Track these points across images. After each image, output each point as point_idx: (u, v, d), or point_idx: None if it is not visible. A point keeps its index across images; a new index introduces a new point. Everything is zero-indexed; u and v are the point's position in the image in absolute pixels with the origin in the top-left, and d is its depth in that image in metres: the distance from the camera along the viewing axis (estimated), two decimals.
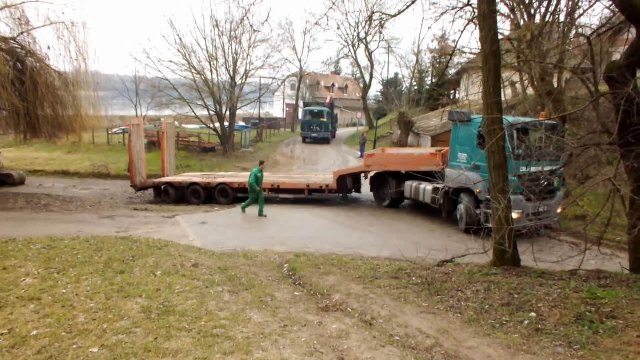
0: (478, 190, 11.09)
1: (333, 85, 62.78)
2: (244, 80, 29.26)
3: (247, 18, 26.60)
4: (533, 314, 5.26)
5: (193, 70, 26.65)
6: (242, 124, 37.72)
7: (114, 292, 5.40)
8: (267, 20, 37.26)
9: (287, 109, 53.18)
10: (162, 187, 16.37)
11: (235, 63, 27.91)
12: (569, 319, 5.03)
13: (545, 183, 10.75)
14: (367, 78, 45.59)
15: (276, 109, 58.31)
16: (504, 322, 5.18)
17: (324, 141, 34.30)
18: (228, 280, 6.36)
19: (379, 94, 55.12)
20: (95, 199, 16.42)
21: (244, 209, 13.79)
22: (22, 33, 15.17)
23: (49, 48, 15.59)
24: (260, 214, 13.32)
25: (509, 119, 10.64)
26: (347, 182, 15.73)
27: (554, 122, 10.76)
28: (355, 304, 5.84)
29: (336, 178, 15.37)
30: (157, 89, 27.16)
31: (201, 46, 27.81)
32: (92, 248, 7.53)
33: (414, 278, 7.03)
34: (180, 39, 27.21)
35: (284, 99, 52.78)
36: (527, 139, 10.10)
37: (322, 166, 24.54)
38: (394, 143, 27.98)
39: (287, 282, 7.03)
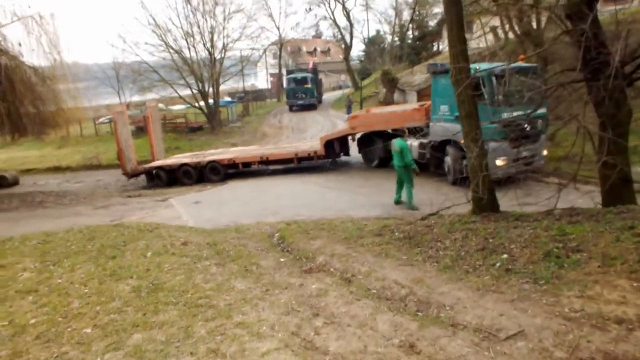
0: (462, 141, 11.19)
1: (315, 49, 61.63)
2: (223, 55, 28.92)
3: None
4: (505, 256, 5.41)
5: (170, 50, 26.42)
6: (227, 99, 37.42)
7: (106, 276, 5.65)
8: None
9: (271, 78, 52.47)
10: (154, 171, 16.50)
11: (211, 38, 27.50)
12: (538, 256, 5.17)
13: (529, 127, 10.87)
14: (348, 38, 44.85)
15: (260, 80, 57.50)
16: (477, 267, 5.35)
17: (311, 107, 34.10)
18: (216, 254, 6.61)
19: (363, 53, 54.27)
20: (89, 191, 16.60)
21: (397, 202, 10.57)
22: None
23: (20, 45, 15.47)
24: (410, 203, 10.23)
25: (483, 65, 10.61)
26: (335, 147, 15.81)
27: (532, 65, 10.75)
28: (337, 263, 6.06)
29: (323, 144, 15.45)
30: (137, 73, 26.86)
31: (175, 24, 27.33)
32: (85, 238, 7.75)
33: (396, 233, 7.20)
34: (154, 19, 26.80)
35: (267, 69, 52.01)
36: (503, 82, 10.12)
37: (311, 133, 24.55)
38: (380, 102, 27.81)
39: (275, 250, 7.28)
